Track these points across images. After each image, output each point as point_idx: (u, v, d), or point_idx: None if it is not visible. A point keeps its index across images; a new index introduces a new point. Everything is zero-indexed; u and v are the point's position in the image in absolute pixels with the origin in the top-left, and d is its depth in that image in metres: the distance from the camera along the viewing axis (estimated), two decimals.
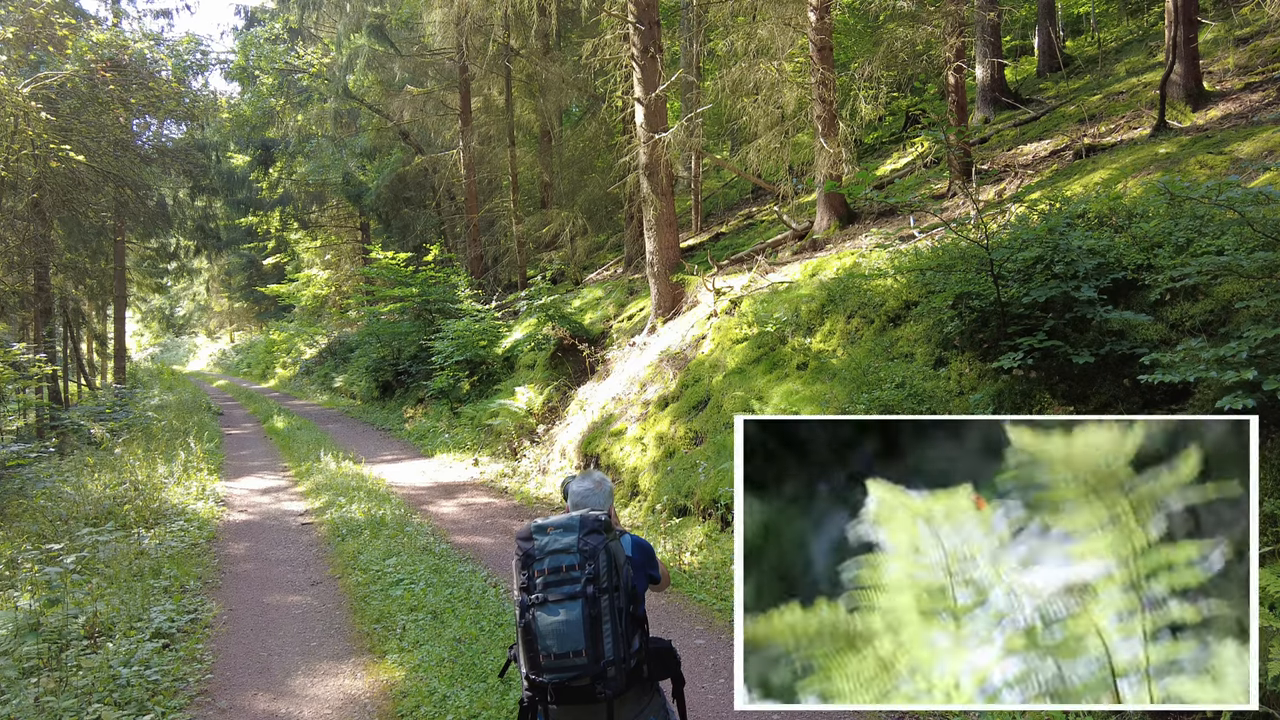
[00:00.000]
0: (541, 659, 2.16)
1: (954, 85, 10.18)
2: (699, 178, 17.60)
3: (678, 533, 7.09)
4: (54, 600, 5.65)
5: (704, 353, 9.20)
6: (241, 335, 47.39)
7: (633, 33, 10.73)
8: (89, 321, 26.41)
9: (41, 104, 12.99)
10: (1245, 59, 10.14)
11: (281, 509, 9.47)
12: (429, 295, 17.13)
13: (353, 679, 4.80)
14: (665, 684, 2.54)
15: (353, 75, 21.43)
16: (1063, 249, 5.21)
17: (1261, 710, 2.93)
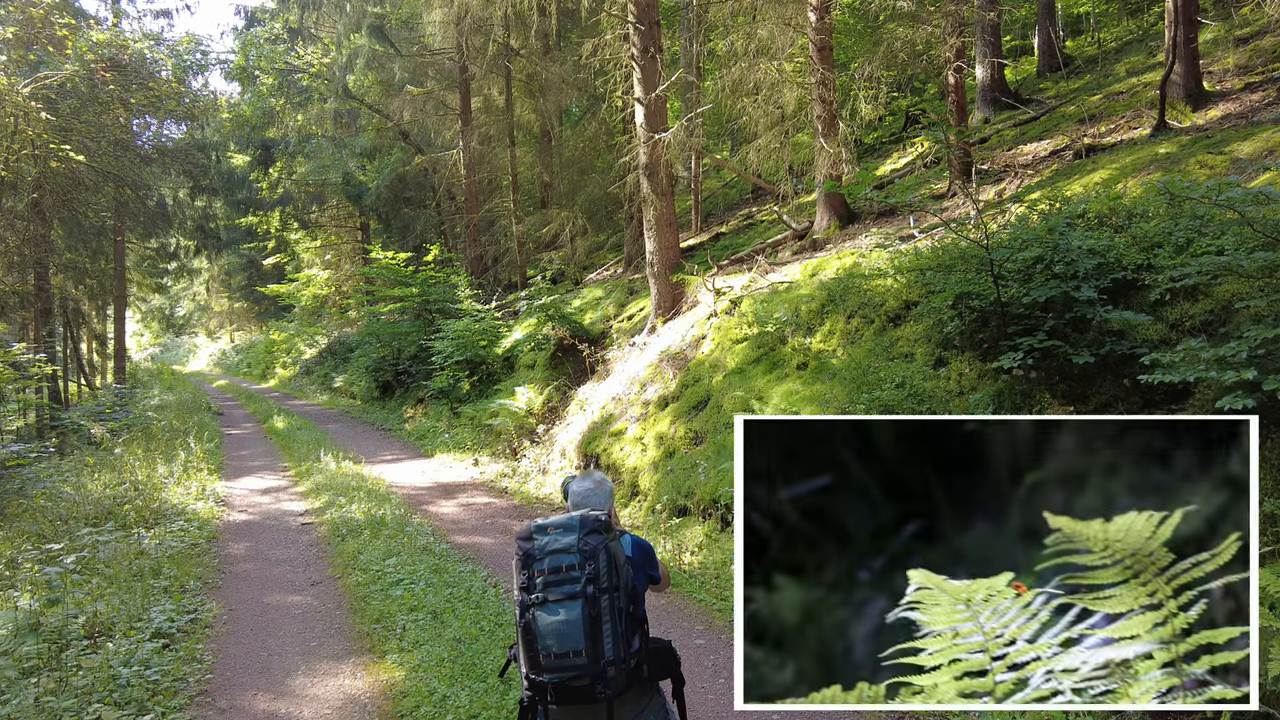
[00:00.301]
0: (541, 659, 2.16)
1: (954, 85, 10.18)
2: (699, 178, 17.60)
3: (678, 533, 7.09)
4: (54, 600, 5.65)
5: (704, 353, 9.20)
6: (241, 335, 47.39)
7: (633, 33, 10.73)
8: (89, 321, 26.41)
9: (41, 104, 12.99)
10: (1245, 59, 10.14)
11: (281, 509, 9.47)
12: (429, 295, 17.13)
13: (353, 679, 4.80)
14: (665, 684, 2.54)
15: (353, 75, 21.43)
16: (1063, 249, 5.21)
17: (1262, 710, 2.93)
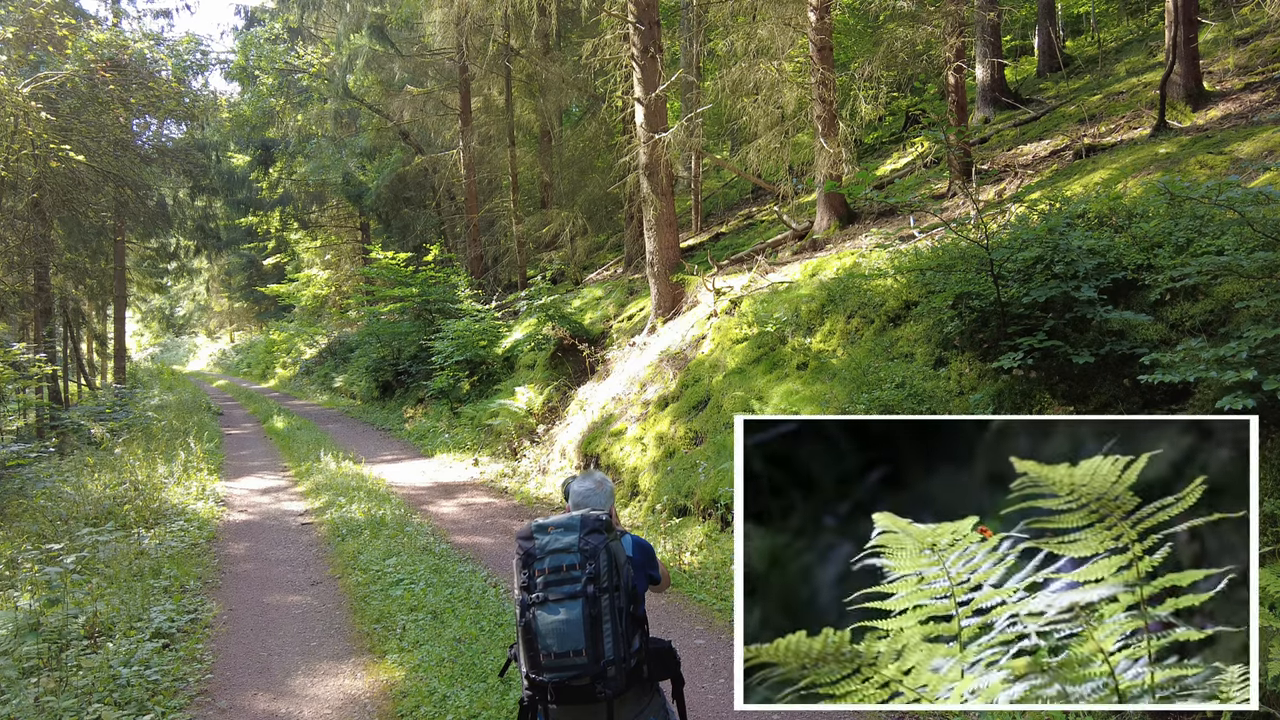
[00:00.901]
0: (542, 658, 2.16)
1: (954, 85, 10.18)
2: (699, 178, 17.60)
3: (678, 533, 7.09)
4: (54, 600, 5.65)
5: (704, 353, 9.20)
6: (241, 335, 47.39)
7: (633, 33, 10.73)
8: (89, 321, 26.41)
9: (41, 104, 12.99)
10: (1245, 59, 10.14)
11: (281, 509, 9.47)
12: (429, 295, 17.13)
13: (353, 679, 4.80)
14: (665, 684, 2.54)
15: (353, 75, 21.43)
16: (1063, 249, 5.21)
17: (1262, 710, 2.93)
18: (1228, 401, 3.73)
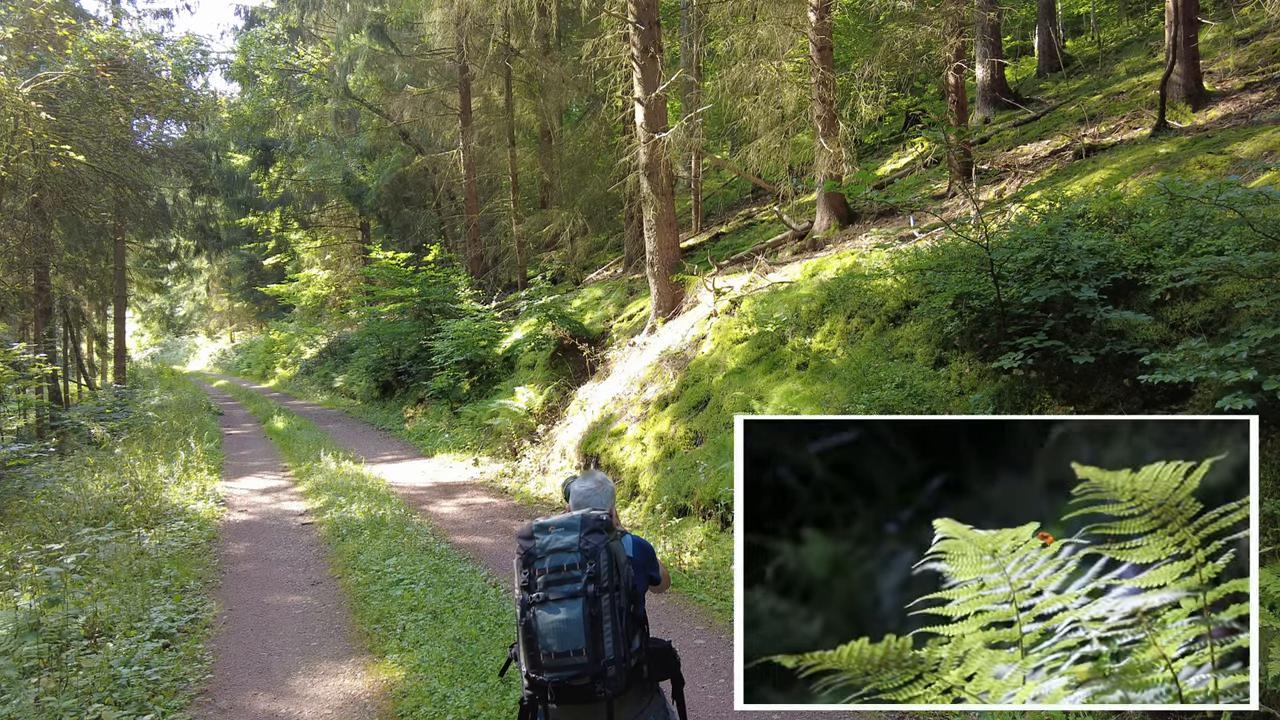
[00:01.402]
0: (542, 658, 2.16)
1: (954, 85, 10.18)
2: (699, 178, 17.60)
3: (678, 533, 7.09)
4: (54, 600, 5.65)
5: (704, 353, 9.20)
6: (241, 335, 47.39)
7: (633, 33, 10.73)
8: (89, 321, 26.41)
9: (41, 104, 12.99)
10: (1245, 59, 10.14)
11: (281, 509, 9.47)
12: (429, 295, 17.13)
13: (353, 679, 4.80)
14: (665, 684, 2.54)
15: (353, 75, 21.42)
16: (1063, 249, 5.22)
17: (1262, 710, 2.93)
18: (1228, 401, 3.73)
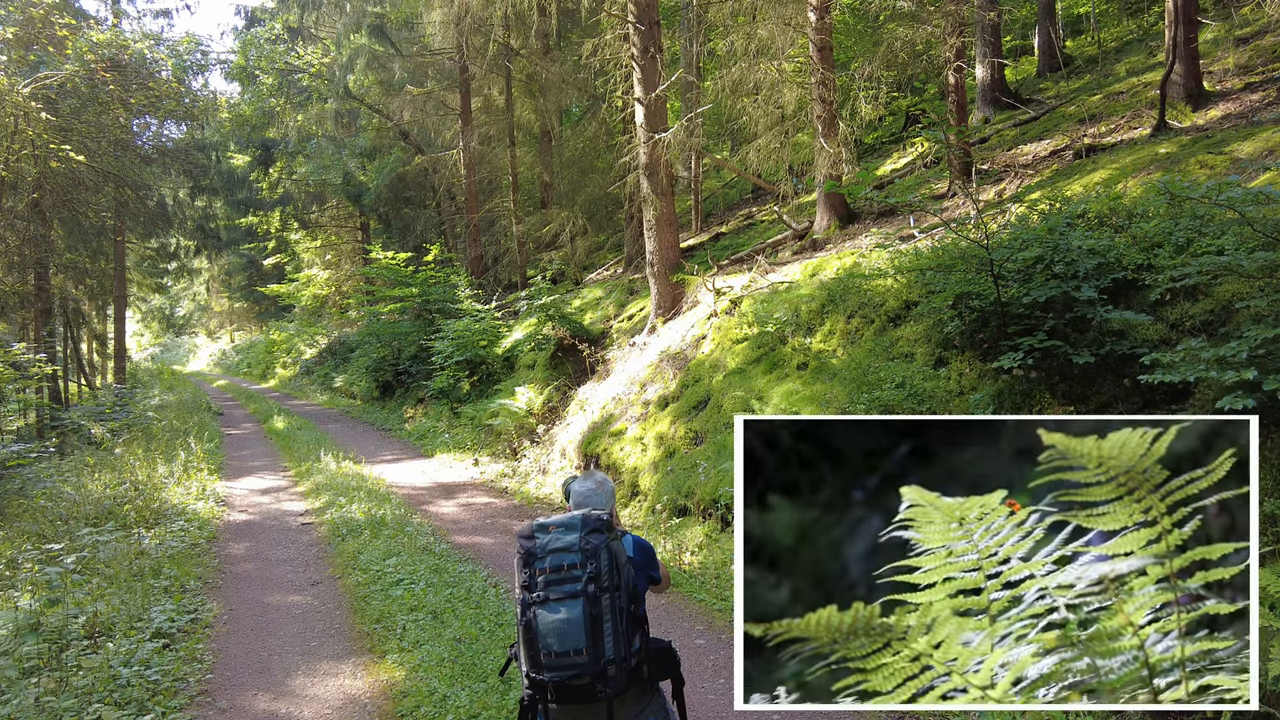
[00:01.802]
0: (542, 657, 2.16)
1: (954, 85, 10.19)
2: (699, 178, 17.60)
3: (678, 533, 7.09)
4: (54, 600, 5.65)
5: (704, 353, 9.20)
6: (241, 335, 47.38)
7: (633, 33, 10.73)
8: (89, 321, 26.40)
9: (41, 104, 12.99)
10: (1245, 59, 10.14)
11: (282, 509, 9.47)
12: (429, 295, 17.13)
13: (353, 679, 4.80)
14: (665, 684, 2.54)
15: (353, 75, 21.42)
16: (1063, 249, 5.22)
17: (1262, 710, 2.93)
18: (1228, 401, 3.73)
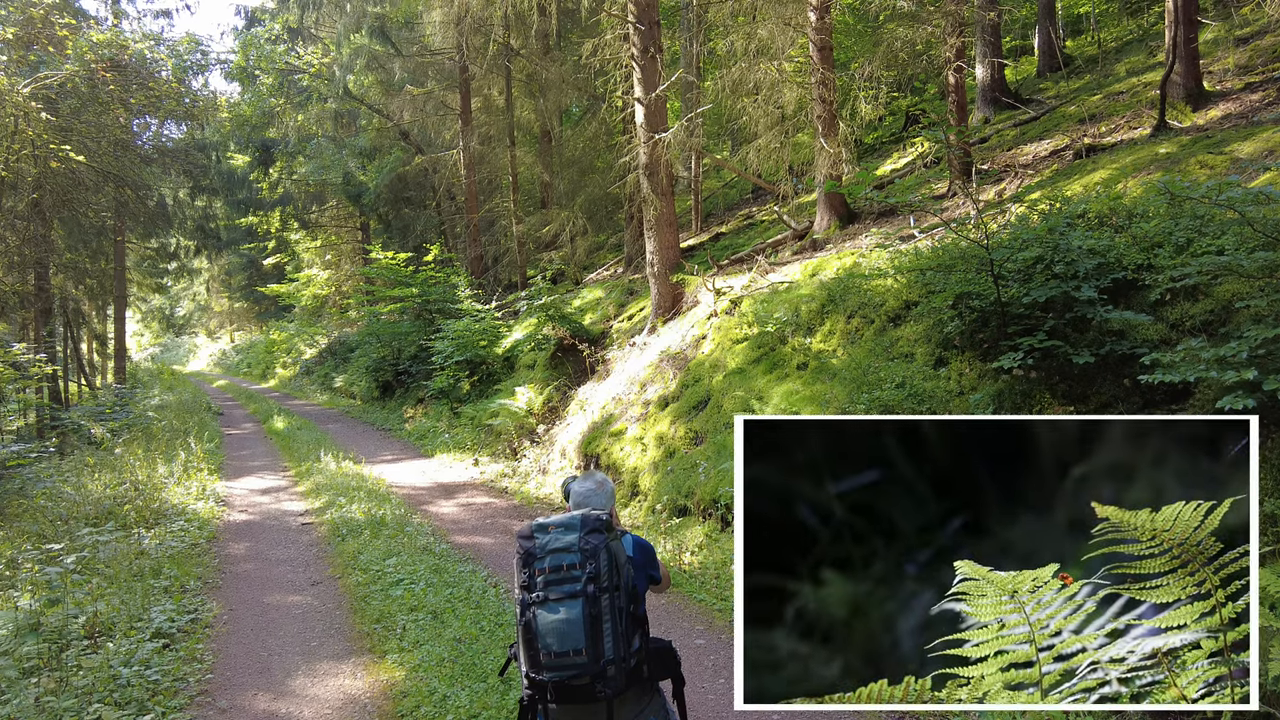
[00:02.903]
0: (542, 657, 2.16)
1: (954, 85, 10.18)
2: (699, 178, 17.60)
3: (678, 533, 7.09)
4: (54, 600, 5.65)
5: (704, 353, 9.20)
6: (241, 335, 47.37)
7: (633, 33, 10.73)
8: (89, 321, 26.40)
9: (41, 104, 12.99)
10: (1245, 59, 10.14)
11: (281, 509, 9.47)
12: (429, 295, 17.13)
13: (353, 679, 4.80)
14: (665, 684, 2.54)
15: (353, 75, 21.43)
16: (1063, 249, 5.22)
17: (1262, 710, 2.93)
18: (1228, 401, 3.73)
